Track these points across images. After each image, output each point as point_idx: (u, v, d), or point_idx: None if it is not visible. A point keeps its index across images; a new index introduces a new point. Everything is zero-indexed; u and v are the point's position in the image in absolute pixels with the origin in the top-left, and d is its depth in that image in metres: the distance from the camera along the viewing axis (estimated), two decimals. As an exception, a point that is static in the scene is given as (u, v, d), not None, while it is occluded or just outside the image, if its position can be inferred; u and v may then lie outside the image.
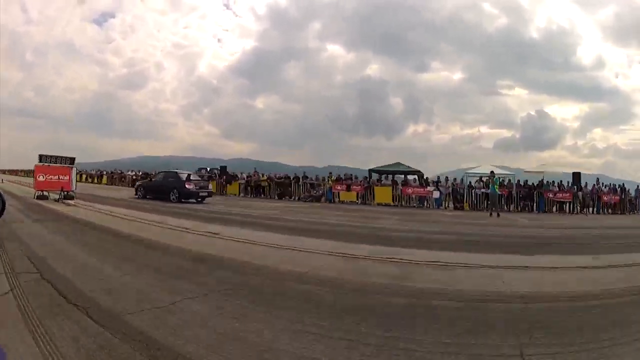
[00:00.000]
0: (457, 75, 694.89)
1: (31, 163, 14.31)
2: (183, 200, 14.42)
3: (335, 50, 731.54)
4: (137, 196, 15.81)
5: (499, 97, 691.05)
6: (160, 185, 15.40)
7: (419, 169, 21.30)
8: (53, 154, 13.30)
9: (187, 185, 14.64)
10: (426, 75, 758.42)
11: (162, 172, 16.75)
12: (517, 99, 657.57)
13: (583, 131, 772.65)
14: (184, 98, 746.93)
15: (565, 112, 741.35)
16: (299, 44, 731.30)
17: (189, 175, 15.50)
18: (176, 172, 15.81)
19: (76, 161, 13.93)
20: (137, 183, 17.73)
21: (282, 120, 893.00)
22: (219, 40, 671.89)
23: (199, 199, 14.85)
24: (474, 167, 19.93)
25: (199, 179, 16.62)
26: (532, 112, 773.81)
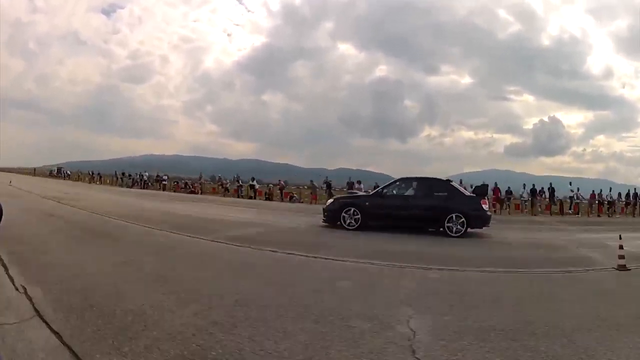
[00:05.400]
0: (466, 80, 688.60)
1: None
2: (469, 229, 8.46)
3: (345, 49, 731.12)
4: (338, 222, 8.65)
5: (507, 103, 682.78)
6: (413, 206, 8.69)
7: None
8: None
9: (484, 206, 8.92)
10: (435, 79, 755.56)
11: (408, 179, 9.53)
12: (525, 104, 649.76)
13: (587, 138, 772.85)
14: (188, 94, 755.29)
15: (570, 119, 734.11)
16: (309, 42, 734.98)
17: (484, 188, 9.47)
18: (449, 182, 9.32)
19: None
20: (339, 198, 9.96)
21: (289, 120, 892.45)
22: (228, 35, 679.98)
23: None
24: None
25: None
26: (545, 119, 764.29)
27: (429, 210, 8.51)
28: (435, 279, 4.46)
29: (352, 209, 8.60)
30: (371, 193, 9.75)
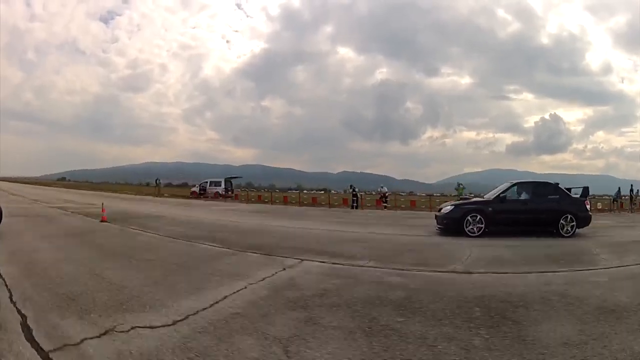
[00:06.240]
0: (466, 80, 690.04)
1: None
2: (578, 229, 8.98)
3: (345, 53, 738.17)
4: (462, 228, 8.56)
5: (507, 102, 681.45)
6: (531, 209, 8.99)
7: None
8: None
9: (587, 207, 9.43)
10: (435, 80, 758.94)
11: (523, 183, 9.79)
12: (525, 103, 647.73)
13: (587, 134, 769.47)
14: (187, 102, 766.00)
15: (570, 115, 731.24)
16: (309, 46, 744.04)
17: (587, 190, 9.64)
18: (558, 185, 9.53)
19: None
20: (460, 205, 9.45)
21: (290, 125, 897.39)
22: (227, 42, 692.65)
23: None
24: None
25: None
26: (546, 116, 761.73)
27: (545, 212, 8.93)
28: None
29: (473, 215, 8.73)
30: (491, 198, 9.63)
